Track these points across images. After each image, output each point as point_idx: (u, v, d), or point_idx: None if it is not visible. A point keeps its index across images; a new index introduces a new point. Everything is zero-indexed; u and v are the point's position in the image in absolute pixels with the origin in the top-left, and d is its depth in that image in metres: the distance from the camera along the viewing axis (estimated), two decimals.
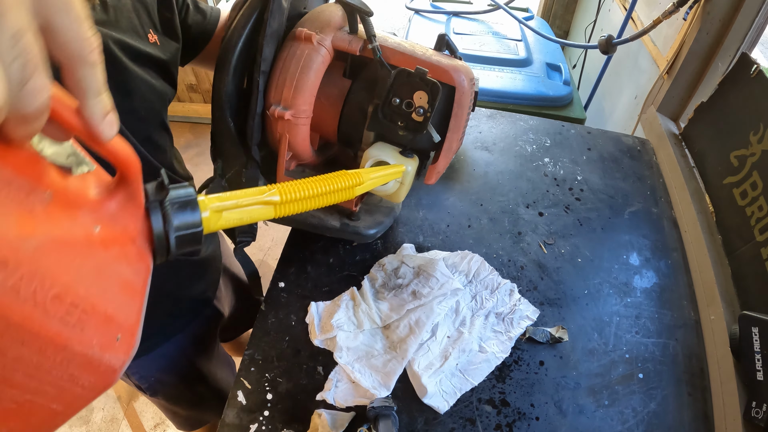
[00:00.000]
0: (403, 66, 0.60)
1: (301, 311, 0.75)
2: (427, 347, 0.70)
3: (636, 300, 0.80)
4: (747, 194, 0.82)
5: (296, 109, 0.61)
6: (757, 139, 0.81)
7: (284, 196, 0.39)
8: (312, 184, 0.43)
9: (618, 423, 0.66)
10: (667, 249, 0.90)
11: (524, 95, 1.51)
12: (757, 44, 1.09)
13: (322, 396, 0.65)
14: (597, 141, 1.13)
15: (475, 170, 1.02)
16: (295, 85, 0.60)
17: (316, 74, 0.61)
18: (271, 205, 0.38)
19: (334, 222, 0.76)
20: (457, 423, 0.64)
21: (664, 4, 1.17)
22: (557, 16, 2.48)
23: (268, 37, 0.58)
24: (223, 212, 0.34)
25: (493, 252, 0.86)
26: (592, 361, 0.72)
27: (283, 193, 0.39)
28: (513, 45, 1.72)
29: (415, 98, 0.59)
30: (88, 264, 0.24)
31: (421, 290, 0.75)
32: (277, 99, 0.61)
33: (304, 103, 0.61)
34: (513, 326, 0.74)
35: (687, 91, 1.16)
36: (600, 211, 0.96)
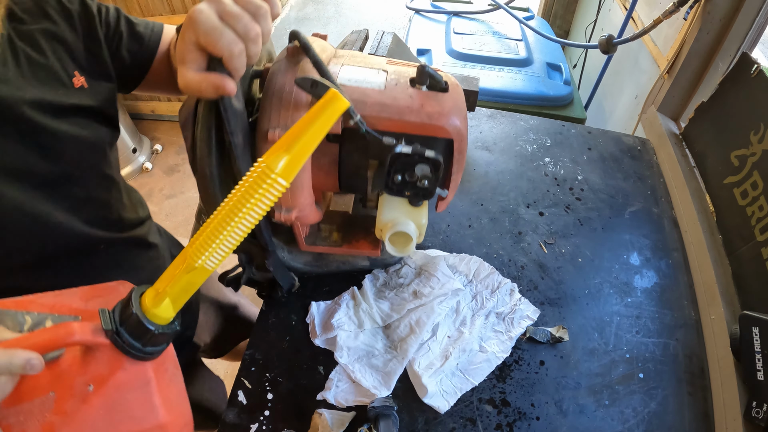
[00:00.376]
0: (391, 127, 0.56)
1: (302, 311, 0.75)
2: (427, 347, 0.70)
3: (636, 300, 0.81)
4: (747, 194, 0.82)
5: (300, 207, 0.60)
6: (758, 139, 0.81)
7: (195, 258, 0.36)
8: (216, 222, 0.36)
9: (618, 423, 0.66)
10: (667, 249, 0.90)
11: (525, 95, 1.51)
12: (757, 44, 1.09)
13: (323, 396, 0.65)
14: (597, 141, 1.13)
15: (475, 170, 1.02)
16: (292, 188, 0.57)
17: (306, 170, 0.57)
18: (194, 270, 0.36)
19: (364, 261, 0.79)
20: (458, 423, 0.65)
21: (665, 4, 1.17)
22: (557, 16, 2.48)
23: (240, 155, 0.54)
24: (165, 299, 0.37)
25: (494, 252, 0.86)
26: (593, 360, 0.72)
27: (193, 257, 0.36)
28: (513, 45, 1.72)
29: (417, 170, 0.56)
30: (100, 415, 0.34)
31: (422, 290, 0.75)
32: (277, 203, 0.59)
33: (305, 198, 0.59)
34: (513, 326, 0.74)
35: (687, 90, 1.16)
36: (600, 210, 0.96)
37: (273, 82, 0.56)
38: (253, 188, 0.34)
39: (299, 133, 0.36)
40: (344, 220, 0.74)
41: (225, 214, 0.35)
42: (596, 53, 1.56)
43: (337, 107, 0.37)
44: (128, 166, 2.47)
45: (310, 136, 0.36)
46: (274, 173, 0.34)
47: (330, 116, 0.36)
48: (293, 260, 0.72)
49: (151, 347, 0.38)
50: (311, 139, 0.36)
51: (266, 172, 0.34)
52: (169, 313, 0.38)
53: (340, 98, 0.36)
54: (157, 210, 2.28)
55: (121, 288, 0.44)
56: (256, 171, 0.35)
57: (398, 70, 0.60)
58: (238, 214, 0.35)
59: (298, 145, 0.35)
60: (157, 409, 0.38)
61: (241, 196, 0.34)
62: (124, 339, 0.36)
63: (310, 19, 3.89)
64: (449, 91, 0.59)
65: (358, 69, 0.59)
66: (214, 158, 0.54)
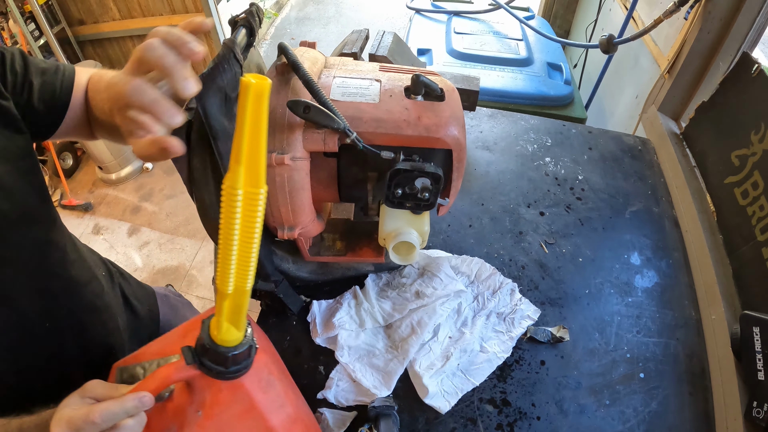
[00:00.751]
0: (388, 141, 0.56)
1: (303, 310, 0.75)
2: (428, 347, 0.70)
3: (637, 299, 0.80)
4: (748, 194, 0.82)
5: (302, 224, 0.60)
6: (758, 139, 0.81)
7: (224, 287, 0.39)
8: (223, 252, 0.37)
9: (619, 422, 0.66)
10: (668, 248, 0.90)
11: (525, 95, 1.51)
12: (758, 44, 1.09)
13: (323, 395, 0.66)
14: (598, 140, 1.13)
15: (476, 170, 1.02)
16: (292, 208, 0.58)
17: (305, 189, 0.57)
18: (230, 296, 0.40)
19: (368, 267, 0.79)
20: (459, 422, 0.65)
21: (665, 4, 1.17)
22: (558, 16, 2.48)
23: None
24: (225, 324, 0.41)
25: (494, 251, 0.86)
26: (593, 360, 0.72)
27: (222, 287, 0.39)
28: (514, 44, 1.71)
29: (417, 183, 0.56)
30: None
31: (425, 290, 0.75)
32: (279, 222, 0.60)
33: (307, 215, 0.59)
34: (514, 326, 0.74)
35: (688, 90, 1.16)
36: (601, 210, 0.95)
37: None
38: (230, 211, 0.34)
39: (239, 140, 0.34)
40: (346, 228, 0.74)
41: (225, 243, 0.36)
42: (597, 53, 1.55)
43: (258, 92, 0.33)
44: (128, 167, 2.47)
45: (251, 135, 0.34)
46: (240, 189, 0.34)
47: (256, 106, 0.33)
48: (298, 270, 0.72)
49: (235, 366, 0.42)
50: (253, 137, 0.34)
51: (232, 193, 0.34)
52: (234, 335, 0.41)
53: (254, 83, 0.32)
54: (157, 210, 2.28)
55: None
56: (225, 195, 0.34)
57: (392, 78, 0.59)
58: (234, 238, 0.35)
59: (244, 151, 0.34)
60: (261, 415, 0.44)
61: (226, 222, 0.35)
62: (210, 367, 0.41)
63: (310, 19, 3.89)
64: (445, 99, 0.58)
65: (351, 80, 0.59)
66: (211, 185, 0.53)
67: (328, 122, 0.52)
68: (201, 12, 2.25)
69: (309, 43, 0.65)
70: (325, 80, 0.58)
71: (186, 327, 0.48)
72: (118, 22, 2.42)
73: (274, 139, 0.54)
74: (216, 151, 0.50)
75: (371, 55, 0.88)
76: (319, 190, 0.62)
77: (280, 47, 0.56)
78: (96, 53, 2.60)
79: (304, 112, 0.51)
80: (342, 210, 0.87)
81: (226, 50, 0.51)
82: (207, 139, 0.50)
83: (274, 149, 0.54)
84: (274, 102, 0.55)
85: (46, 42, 2.20)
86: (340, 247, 0.72)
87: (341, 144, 0.55)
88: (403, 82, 0.59)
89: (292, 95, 0.54)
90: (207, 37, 2.37)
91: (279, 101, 0.54)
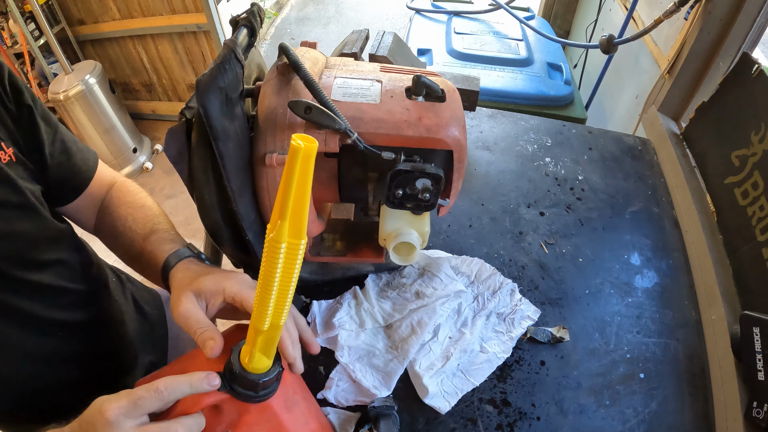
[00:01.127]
0: (389, 142, 0.56)
1: (303, 310, 0.75)
2: (428, 348, 0.70)
3: (637, 300, 0.80)
4: (748, 194, 0.82)
5: None
6: (759, 139, 0.81)
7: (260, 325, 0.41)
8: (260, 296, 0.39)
9: (619, 423, 0.66)
10: (668, 249, 0.90)
11: (525, 95, 1.51)
12: (758, 44, 1.09)
13: (323, 395, 0.66)
14: (598, 141, 1.13)
15: (476, 170, 1.02)
16: None
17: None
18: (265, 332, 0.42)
19: (369, 267, 0.79)
20: (459, 423, 0.65)
21: (665, 4, 1.17)
22: (558, 16, 2.48)
23: (237, 199, 0.53)
24: (257, 354, 0.43)
25: (494, 252, 0.86)
26: (593, 360, 0.72)
27: (258, 325, 0.41)
28: (514, 45, 1.71)
29: (417, 184, 0.56)
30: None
31: (425, 290, 0.75)
32: None
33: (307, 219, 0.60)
34: (514, 326, 0.74)
35: (688, 90, 1.16)
36: (601, 210, 0.96)
37: (265, 103, 0.55)
38: (272, 261, 0.37)
39: (286, 196, 0.35)
40: (346, 228, 0.74)
41: (264, 287, 0.38)
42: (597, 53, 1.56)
43: (307, 155, 0.34)
44: (128, 166, 2.47)
45: (297, 193, 0.35)
46: (283, 243, 0.36)
47: (304, 167, 0.34)
48: None
49: (264, 391, 0.45)
50: (299, 193, 0.36)
51: (275, 246, 0.36)
52: (265, 363, 0.44)
53: (303, 147, 0.33)
54: None
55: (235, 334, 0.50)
56: (269, 247, 0.37)
57: (393, 79, 0.59)
58: (274, 284, 0.38)
59: (289, 207, 0.35)
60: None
61: (267, 270, 0.37)
62: (239, 392, 0.43)
63: (310, 19, 3.89)
64: (446, 99, 0.58)
65: (352, 80, 0.58)
66: (212, 185, 0.53)
67: (329, 123, 0.52)
68: (201, 12, 2.25)
69: (310, 44, 0.65)
70: (326, 81, 0.58)
71: (192, 355, 0.49)
72: (118, 22, 2.42)
73: (275, 139, 0.54)
74: (216, 152, 0.50)
75: (371, 55, 0.88)
76: (320, 190, 0.62)
77: (281, 47, 0.56)
78: (96, 53, 2.60)
79: (305, 113, 0.51)
80: (342, 210, 0.87)
81: (227, 51, 0.51)
82: (207, 140, 0.49)
83: (274, 149, 0.54)
84: (274, 102, 0.55)
85: (46, 42, 2.20)
86: (340, 248, 0.72)
87: (342, 144, 0.55)
88: (404, 83, 0.59)
89: (293, 95, 0.54)
90: (207, 38, 2.37)
91: (280, 101, 0.54)
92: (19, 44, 2.28)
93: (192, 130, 0.53)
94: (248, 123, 0.58)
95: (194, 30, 2.34)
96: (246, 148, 0.56)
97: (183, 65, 2.55)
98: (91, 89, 2.20)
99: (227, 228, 0.58)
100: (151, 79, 2.67)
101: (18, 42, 2.28)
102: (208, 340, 0.45)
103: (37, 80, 2.41)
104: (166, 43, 2.45)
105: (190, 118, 0.53)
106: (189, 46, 2.44)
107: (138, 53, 2.54)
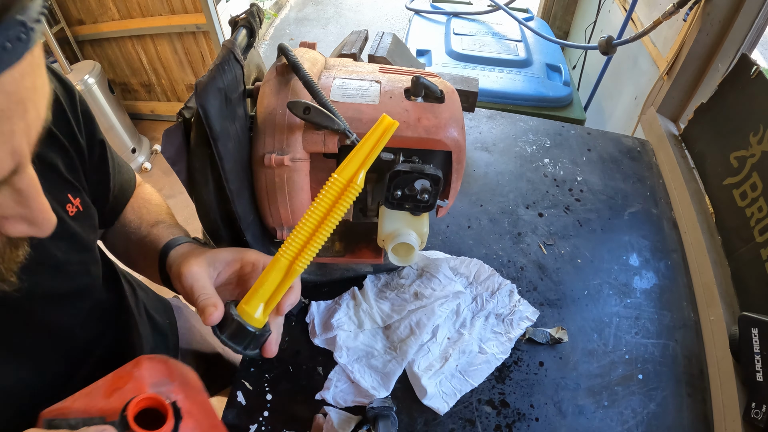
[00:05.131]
0: (388, 143, 0.56)
1: (301, 311, 0.75)
2: (427, 348, 0.70)
3: (636, 301, 0.81)
4: (747, 195, 0.82)
5: None
6: (757, 140, 0.82)
7: (289, 256, 0.43)
8: (306, 223, 0.42)
9: (618, 424, 0.66)
10: (666, 250, 0.90)
11: (524, 96, 1.51)
12: (756, 45, 1.09)
13: (322, 395, 0.65)
14: (597, 142, 1.13)
15: (474, 171, 1.02)
16: (291, 209, 0.57)
17: (305, 190, 0.57)
18: (285, 270, 0.43)
19: (367, 268, 0.79)
20: (457, 424, 0.64)
21: (664, 5, 1.17)
22: (557, 17, 2.48)
23: (236, 199, 0.53)
24: (260, 304, 0.44)
25: (493, 253, 0.86)
26: (592, 361, 0.72)
27: (286, 255, 0.43)
28: (513, 46, 1.72)
29: (416, 184, 0.56)
30: None
31: (424, 291, 0.75)
32: (278, 223, 0.59)
33: None
34: (513, 327, 0.74)
35: (687, 92, 1.16)
36: (600, 211, 0.96)
37: (264, 104, 0.55)
38: (329, 198, 0.41)
39: (364, 150, 0.42)
40: (345, 229, 0.74)
41: (308, 220, 0.41)
42: (596, 54, 1.56)
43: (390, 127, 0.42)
44: None
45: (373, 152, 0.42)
46: (353, 184, 0.41)
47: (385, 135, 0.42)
48: None
49: (254, 348, 0.45)
50: (373, 153, 0.42)
51: (338, 183, 0.41)
52: (264, 317, 0.44)
53: (391, 122, 0.42)
54: None
55: (136, 372, 0.45)
56: (332, 185, 0.41)
57: (392, 80, 0.59)
58: (322, 219, 0.41)
59: (368, 159, 0.42)
60: None
61: (321, 204, 0.41)
62: (230, 345, 0.43)
63: (309, 19, 3.89)
64: (445, 100, 0.58)
65: (351, 81, 0.58)
66: (211, 186, 0.53)
67: (328, 123, 0.52)
68: (200, 12, 2.25)
69: (309, 44, 0.65)
70: (325, 81, 0.58)
71: (110, 383, 0.45)
72: (117, 22, 2.42)
73: (274, 139, 0.54)
74: (216, 153, 0.50)
75: (370, 56, 0.88)
76: (319, 191, 0.62)
77: (280, 48, 0.56)
78: (95, 53, 2.59)
79: (304, 113, 0.51)
80: None
81: (226, 52, 0.51)
82: (207, 140, 0.49)
83: (273, 150, 0.54)
84: (273, 103, 0.55)
85: (45, 42, 2.20)
86: (338, 248, 0.72)
87: (341, 145, 0.55)
88: (403, 84, 0.59)
89: (292, 96, 0.54)
90: (207, 38, 2.37)
91: (279, 102, 0.54)
92: None
93: (190, 130, 0.53)
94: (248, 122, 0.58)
95: (193, 30, 2.33)
96: (246, 148, 0.56)
97: (182, 66, 2.55)
98: (90, 89, 2.19)
99: (226, 228, 0.58)
100: (150, 80, 2.67)
101: None
102: (210, 306, 0.43)
103: None
104: (166, 44, 2.45)
105: (189, 119, 0.53)
106: (188, 46, 2.44)
107: (137, 53, 2.54)
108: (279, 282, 0.44)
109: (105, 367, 0.60)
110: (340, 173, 0.41)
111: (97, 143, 0.54)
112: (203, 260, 0.49)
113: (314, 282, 0.77)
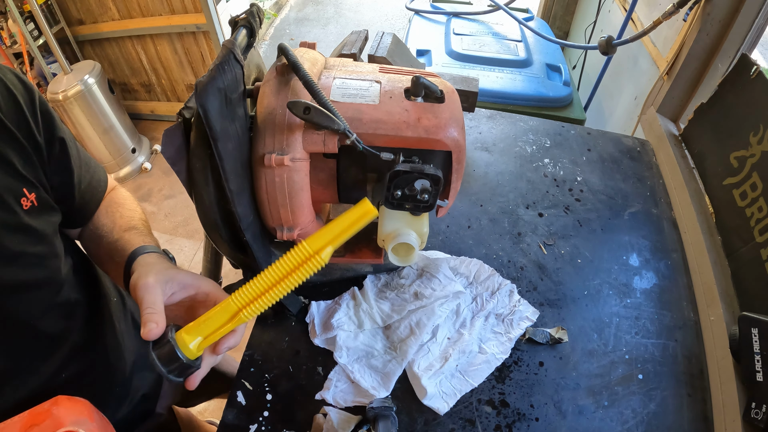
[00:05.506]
0: (388, 143, 0.56)
1: (301, 311, 0.75)
2: (427, 348, 0.70)
3: (636, 301, 0.81)
4: (747, 195, 0.82)
5: (301, 225, 0.59)
6: (757, 140, 0.82)
7: (239, 303, 0.45)
8: (264, 278, 0.45)
9: (618, 424, 0.66)
10: (666, 250, 0.90)
11: (524, 96, 1.51)
12: (756, 45, 1.09)
13: (321, 395, 0.65)
14: (597, 142, 1.13)
15: (474, 171, 1.02)
16: (291, 209, 0.57)
17: (305, 190, 0.57)
18: (231, 314, 0.45)
19: (367, 268, 0.79)
20: (457, 424, 0.64)
21: (664, 5, 1.17)
22: (557, 17, 2.48)
23: (236, 199, 0.53)
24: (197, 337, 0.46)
25: (493, 253, 0.86)
26: (592, 361, 0.72)
27: (237, 301, 0.45)
28: (513, 46, 1.71)
29: (416, 184, 0.56)
30: None
31: (424, 291, 0.75)
32: (278, 223, 0.59)
33: (306, 216, 0.59)
34: (513, 327, 0.74)
35: (687, 92, 1.16)
36: (600, 212, 0.96)
37: (264, 104, 0.55)
38: (294, 263, 0.44)
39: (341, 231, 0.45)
40: None
41: (266, 278, 0.43)
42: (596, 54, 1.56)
43: (369, 214, 0.45)
44: (127, 167, 2.46)
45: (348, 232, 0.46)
46: (317, 255, 0.44)
47: (362, 220, 0.45)
48: None
49: (180, 376, 0.45)
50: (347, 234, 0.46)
51: (305, 252, 0.44)
52: (198, 351, 0.45)
53: (371, 209, 0.44)
54: (156, 210, 2.28)
55: (54, 410, 0.45)
56: (299, 251, 0.44)
57: (392, 80, 0.59)
58: (281, 280, 0.43)
59: (339, 240, 0.45)
60: None
61: (283, 266, 0.44)
62: (156, 366, 0.44)
63: (309, 19, 3.89)
64: (445, 100, 0.57)
65: (351, 81, 0.58)
66: (211, 186, 0.53)
67: (328, 123, 0.52)
68: (200, 12, 2.25)
69: (309, 44, 0.65)
70: (325, 81, 0.58)
71: (27, 420, 0.44)
72: (117, 22, 2.42)
73: (274, 139, 0.54)
74: (216, 153, 0.50)
75: (370, 56, 0.88)
76: (319, 191, 0.62)
77: (280, 48, 0.56)
78: (95, 53, 2.59)
79: (304, 113, 0.51)
80: (341, 211, 0.86)
81: (226, 52, 0.51)
82: (207, 140, 0.49)
83: (273, 150, 0.54)
84: (273, 103, 0.55)
85: (45, 42, 2.20)
86: (338, 248, 0.72)
87: (341, 145, 0.55)
88: (403, 84, 0.59)
89: (292, 96, 0.54)
90: (207, 38, 2.37)
91: (279, 102, 0.54)
92: (18, 44, 2.28)
93: (190, 130, 0.53)
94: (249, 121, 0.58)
95: (193, 30, 2.33)
96: (246, 148, 0.56)
97: (182, 65, 2.55)
98: (90, 89, 2.19)
99: (226, 228, 0.58)
100: (150, 80, 2.67)
101: (17, 42, 2.28)
102: (152, 323, 0.45)
103: (36, 80, 2.40)
104: (165, 44, 2.45)
105: (189, 119, 0.53)
106: (188, 46, 2.44)
107: (137, 53, 2.54)
108: (223, 323, 0.45)
109: (78, 365, 0.61)
110: (309, 242, 0.44)
111: (56, 140, 0.55)
112: (161, 276, 0.50)
113: (314, 282, 0.77)
